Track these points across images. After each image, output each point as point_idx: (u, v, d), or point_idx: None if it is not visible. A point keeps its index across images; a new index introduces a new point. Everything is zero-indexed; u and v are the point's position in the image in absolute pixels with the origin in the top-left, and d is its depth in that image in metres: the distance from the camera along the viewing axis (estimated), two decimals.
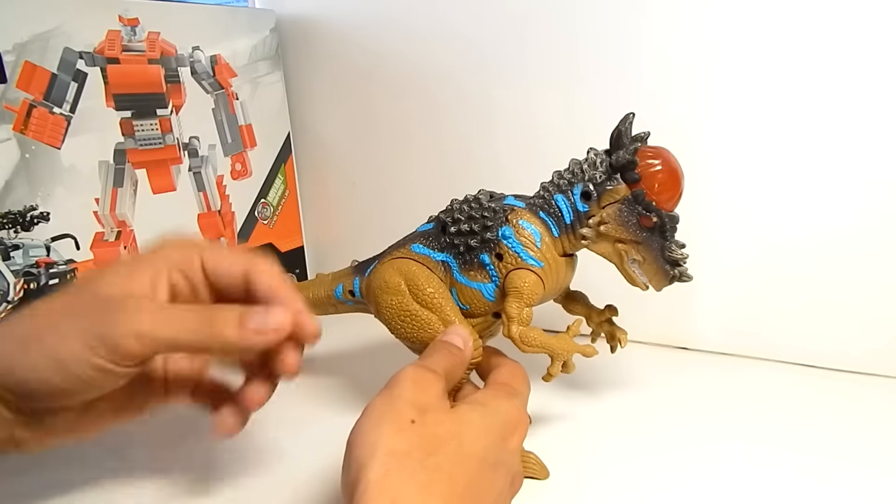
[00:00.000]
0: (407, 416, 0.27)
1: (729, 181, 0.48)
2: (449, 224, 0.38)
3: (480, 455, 0.27)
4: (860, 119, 0.43)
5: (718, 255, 0.49)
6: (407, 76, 0.59)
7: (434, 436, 0.26)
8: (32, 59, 0.44)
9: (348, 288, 0.43)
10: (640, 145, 0.35)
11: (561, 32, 0.51)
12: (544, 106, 0.53)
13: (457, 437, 0.27)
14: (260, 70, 0.61)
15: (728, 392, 0.46)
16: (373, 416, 0.27)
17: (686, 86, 0.48)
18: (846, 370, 0.48)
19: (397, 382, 0.29)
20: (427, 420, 0.27)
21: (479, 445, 0.27)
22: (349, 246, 0.65)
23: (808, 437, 0.40)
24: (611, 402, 0.45)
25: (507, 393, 0.32)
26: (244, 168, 0.60)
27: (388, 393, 0.28)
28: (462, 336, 0.34)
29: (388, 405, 0.27)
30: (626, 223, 0.34)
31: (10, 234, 0.44)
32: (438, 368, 0.31)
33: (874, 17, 0.42)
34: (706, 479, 0.36)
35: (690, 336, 0.53)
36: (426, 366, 0.30)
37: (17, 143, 0.44)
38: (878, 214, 0.44)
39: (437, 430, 0.27)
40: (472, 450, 0.27)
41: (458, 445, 0.27)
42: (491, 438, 0.28)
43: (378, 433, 0.26)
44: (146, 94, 0.51)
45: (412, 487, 0.24)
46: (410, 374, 0.29)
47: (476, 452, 0.27)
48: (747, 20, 0.45)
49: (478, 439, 0.27)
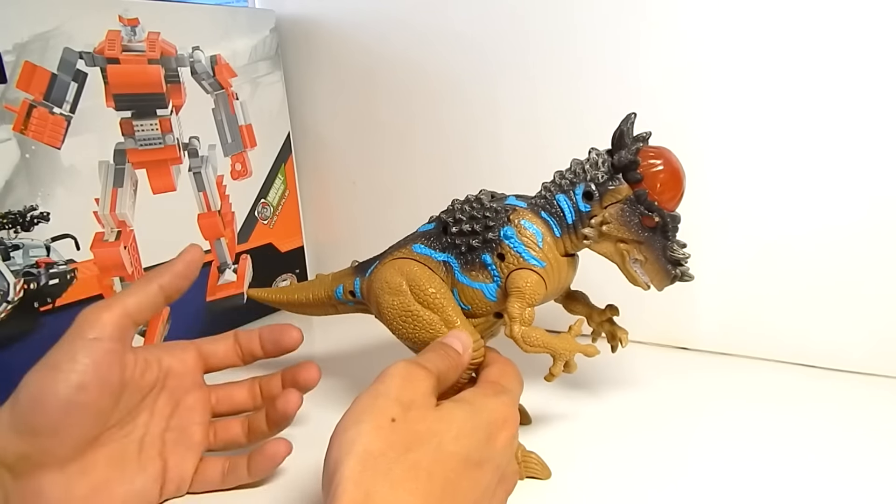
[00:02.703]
0: (388, 414, 0.27)
1: (729, 181, 0.48)
2: (450, 224, 0.38)
3: (463, 453, 0.27)
4: (860, 119, 0.43)
5: (719, 255, 0.49)
6: (408, 76, 0.59)
7: (414, 433, 0.26)
8: (32, 59, 0.44)
9: (349, 288, 0.43)
10: (642, 145, 0.35)
11: (562, 32, 0.51)
12: (545, 105, 0.53)
13: (437, 435, 0.27)
14: (260, 70, 0.61)
15: (728, 392, 0.46)
16: (355, 413, 0.27)
17: (687, 86, 0.48)
18: (846, 370, 0.48)
19: (385, 378, 0.29)
20: (409, 417, 0.27)
21: (461, 444, 0.27)
22: (349, 246, 0.65)
23: (808, 437, 0.40)
24: (611, 401, 0.45)
25: (495, 391, 0.32)
26: (244, 168, 0.60)
27: (374, 389, 0.28)
28: (462, 341, 0.34)
29: (371, 402, 0.27)
30: (628, 223, 0.34)
31: (10, 234, 0.44)
32: (431, 366, 0.30)
33: (876, 16, 0.42)
34: (706, 478, 0.36)
35: (690, 336, 0.53)
36: (418, 362, 0.30)
37: (17, 143, 0.43)
38: (878, 214, 0.44)
39: (417, 428, 0.27)
40: (454, 448, 0.27)
41: (439, 443, 0.27)
42: (475, 437, 0.28)
43: (357, 431, 0.26)
44: (146, 95, 0.51)
45: (387, 483, 0.24)
46: (400, 369, 0.29)
47: (457, 451, 0.27)
48: (748, 20, 0.45)
49: (459, 437, 0.27)
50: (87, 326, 0.30)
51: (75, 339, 0.30)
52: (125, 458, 0.33)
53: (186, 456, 0.35)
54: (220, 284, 0.59)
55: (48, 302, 0.46)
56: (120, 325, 0.31)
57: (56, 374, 0.29)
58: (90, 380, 0.30)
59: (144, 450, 0.34)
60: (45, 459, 0.30)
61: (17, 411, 0.29)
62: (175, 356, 0.36)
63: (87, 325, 0.31)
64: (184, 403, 0.36)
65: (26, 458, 0.29)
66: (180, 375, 0.36)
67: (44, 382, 0.29)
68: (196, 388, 0.37)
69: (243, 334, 0.39)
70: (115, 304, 0.32)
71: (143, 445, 0.34)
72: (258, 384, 0.39)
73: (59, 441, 0.30)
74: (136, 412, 0.34)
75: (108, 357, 0.30)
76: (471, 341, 0.35)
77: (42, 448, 0.29)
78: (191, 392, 0.37)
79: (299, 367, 0.38)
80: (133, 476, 0.33)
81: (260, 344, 0.39)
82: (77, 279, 0.48)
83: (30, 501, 0.30)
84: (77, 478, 0.31)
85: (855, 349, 0.47)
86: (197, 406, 0.37)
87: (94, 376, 0.30)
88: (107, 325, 0.31)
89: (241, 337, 0.39)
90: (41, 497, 0.30)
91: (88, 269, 0.48)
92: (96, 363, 0.30)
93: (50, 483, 0.30)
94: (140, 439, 0.34)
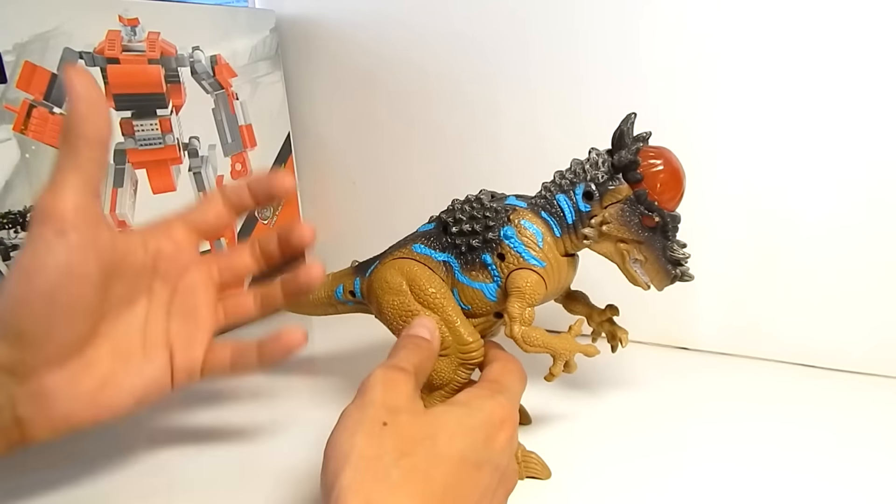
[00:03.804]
0: (379, 420, 0.27)
1: (729, 181, 0.48)
2: (450, 224, 0.38)
3: (459, 455, 0.27)
4: (860, 120, 0.44)
5: (719, 255, 0.49)
6: (407, 76, 0.59)
7: (407, 437, 0.26)
8: (32, 59, 0.44)
9: (349, 288, 0.43)
10: (642, 145, 0.35)
11: (562, 32, 0.51)
12: (545, 105, 0.53)
13: (430, 438, 0.27)
14: (260, 70, 0.61)
15: (728, 392, 0.46)
16: (347, 425, 0.27)
17: (687, 86, 0.48)
18: (846, 370, 0.48)
19: (367, 389, 0.28)
20: (400, 421, 0.27)
21: (457, 445, 0.27)
22: (349, 246, 0.65)
23: (807, 437, 0.40)
24: (611, 401, 0.45)
25: (493, 391, 0.32)
26: (244, 168, 0.60)
27: (360, 400, 0.28)
28: (427, 326, 0.34)
29: (359, 412, 0.27)
30: (629, 223, 0.34)
31: (10, 234, 0.44)
32: (407, 365, 0.30)
33: (877, 16, 0.42)
34: (706, 478, 0.36)
35: (690, 336, 0.53)
36: (394, 365, 0.30)
37: (17, 143, 0.43)
38: (878, 215, 0.44)
39: (410, 431, 0.27)
40: (449, 450, 0.27)
41: (433, 445, 0.26)
42: (472, 438, 0.28)
43: (351, 442, 0.26)
44: (146, 94, 0.51)
45: (385, 487, 0.24)
46: (380, 376, 0.29)
47: (453, 452, 0.27)
48: (749, 20, 0.45)
49: (454, 439, 0.27)
50: (43, 223, 0.28)
51: (38, 240, 0.28)
52: (129, 349, 0.32)
53: (193, 341, 0.34)
54: None
55: None
56: (77, 207, 0.28)
57: (29, 278, 0.28)
58: (64, 278, 0.28)
59: (149, 338, 0.33)
60: (41, 360, 0.29)
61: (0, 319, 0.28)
62: (161, 235, 0.34)
63: (46, 219, 0.28)
64: (182, 285, 0.34)
65: (22, 361, 0.28)
66: (172, 255, 0.34)
67: (20, 288, 0.28)
68: (193, 266, 0.35)
69: (229, 188, 0.36)
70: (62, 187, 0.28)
71: (146, 334, 0.33)
72: (257, 244, 0.37)
73: (50, 341, 0.29)
74: (130, 299, 0.32)
75: (77, 251, 0.28)
76: (435, 324, 0.35)
77: (34, 350, 0.28)
78: (188, 271, 0.34)
79: (290, 229, 0.36)
80: (140, 367, 0.32)
81: (250, 193, 0.36)
82: None
83: (36, 402, 0.29)
84: (81, 373, 0.30)
85: (855, 349, 0.48)
86: (198, 284, 0.35)
87: (68, 274, 0.28)
88: (66, 215, 0.28)
89: (228, 191, 0.36)
90: (46, 397, 0.29)
91: None
92: (66, 261, 0.28)
93: (53, 382, 0.29)
94: (142, 328, 0.33)
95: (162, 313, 0.34)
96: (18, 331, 0.28)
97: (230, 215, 0.36)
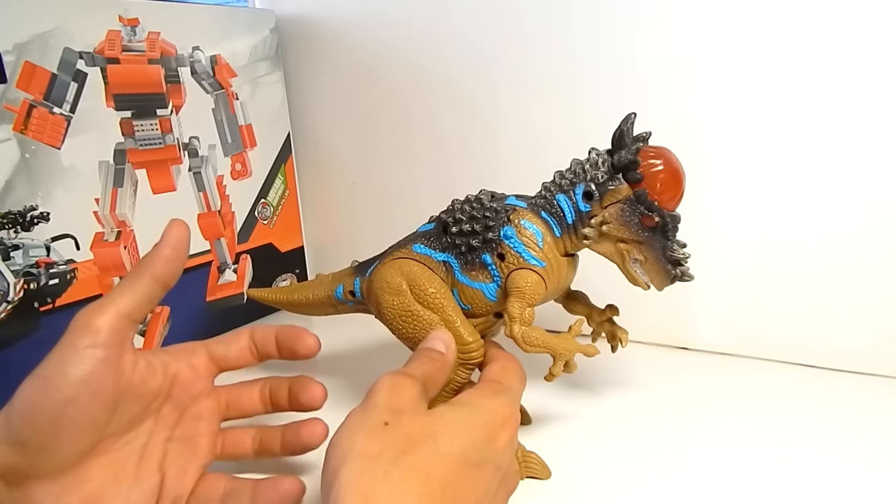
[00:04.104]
0: (381, 420, 0.27)
1: (729, 181, 0.48)
2: (450, 224, 0.38)
3: (460, 454, 0.27)
4: (860, 121, 0.44)
5: (719, 255, 0.49)
6: (407, 76, 0.59)
7: (408, 436, 0.26)
8: (32, 59, 0.44)
9: (349, 288, 0.43)
10: (642, 145, 0.35)
11: (562, 32, 0.51)
12: (545, 105, 0.53)
13: (431, 437, 0.27)
14: (260, 70, 0.61)
15: (728, 392, 0.46)
16: (350, 425, 0.27)
17: (687, 86, 0.48)
18: (846, 370, 0.48)
19: (372, 392, 0.29)
20: (401, 421, 0.27)
21: (458, 445, 0.27)
22: (349, 246, 0.65)
23: (808, 437, 0.40)
24: (611, 401, 0.45)
25: (494, 391, 0.32)
26: (244, 168, 0.60)
27: (365, 403, 0.28)
28: (443, 340, 0.34)
29: (362, 414, 0.27)
30: (628, 223, 0.34)
31: (10, 234, 0.44)
32: (416, 373, 0.31)
33: (877, 19, 0.42)
34: (706, 478, 0.36)
35: (690, 336, 0.53)
36: (403, 371, 0.30)
37: (17, 143, 0.43)
38: (878, 215, 0.44)
39: (410, 430, 0.27)
40: (450, 449, 0.27)
41: (434, 445, 0.26)
42: (472, 437, 0.28)
43: (352, 441, 0.26)
44: (146, 94, 0.51)
45: (385, 485, 0.24)
46: (386, 381, 0.29)
47: (454, 452, 0.27)
48: (749, 22, 0.45)
49: (455, 438, 0.27)
50: (78, 334, 0.29)
51: (67, 349, 0.28)
52: (123, 469, 0.32)
53: (188, 468, 0.34)
54: (220, 284, 0.60)
55: (48, 302, 0.46)
56: (115, 328, 0.29)
57: (46, 386, 0.28)
58: (80, 393, 0.28)
59: (144, 461, 0.32)
60: (37, 471, 0.29)
61: (9, 422, 0.28)
62: (183, 361, 0.35)
63: (79, 332, 0.29)
64: (190, 412, 0.35)
65: (18, 469, 0.28)
66: (188, 382, 0.34)
67: (34, 395, 0.28)
68: (204, 396, 0.35)
69: (259, 333, 0.37)
70: (109, 306, 0.29)
71: (143, 456, 0.32)
72: (268, 388, 0.37)
73: (51, 454, 0.28)
74: (138, 420, 0.32)
75: (100, 367, 0.29)
76: (452, 337, 0.35)
77: (33, 461, 0.28)
78: (198, 400, 0.35)
79: (304, 385, 0.37)
80: (129, 489, 0.32)
81: (276, 346, 0.37)
82: (77, 279, 0.48)
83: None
84: (71, 488, 0.30)
85: (855, 349, 0.48)
86: (204, 414, 0.35)
87: (85, 389, 0.28)
88: (101, 331, 0.29)
89: (257, 336, 0.37)
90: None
91: (88, 269, 0.48)
92: (87, 375, 0.28)
93: (43, 494, 0.29)
94: (141, 449, 0.33)
95: (164, 437, 0.34)
96: (24, 439, 0.28)
97: (252, 358, 0.37)
